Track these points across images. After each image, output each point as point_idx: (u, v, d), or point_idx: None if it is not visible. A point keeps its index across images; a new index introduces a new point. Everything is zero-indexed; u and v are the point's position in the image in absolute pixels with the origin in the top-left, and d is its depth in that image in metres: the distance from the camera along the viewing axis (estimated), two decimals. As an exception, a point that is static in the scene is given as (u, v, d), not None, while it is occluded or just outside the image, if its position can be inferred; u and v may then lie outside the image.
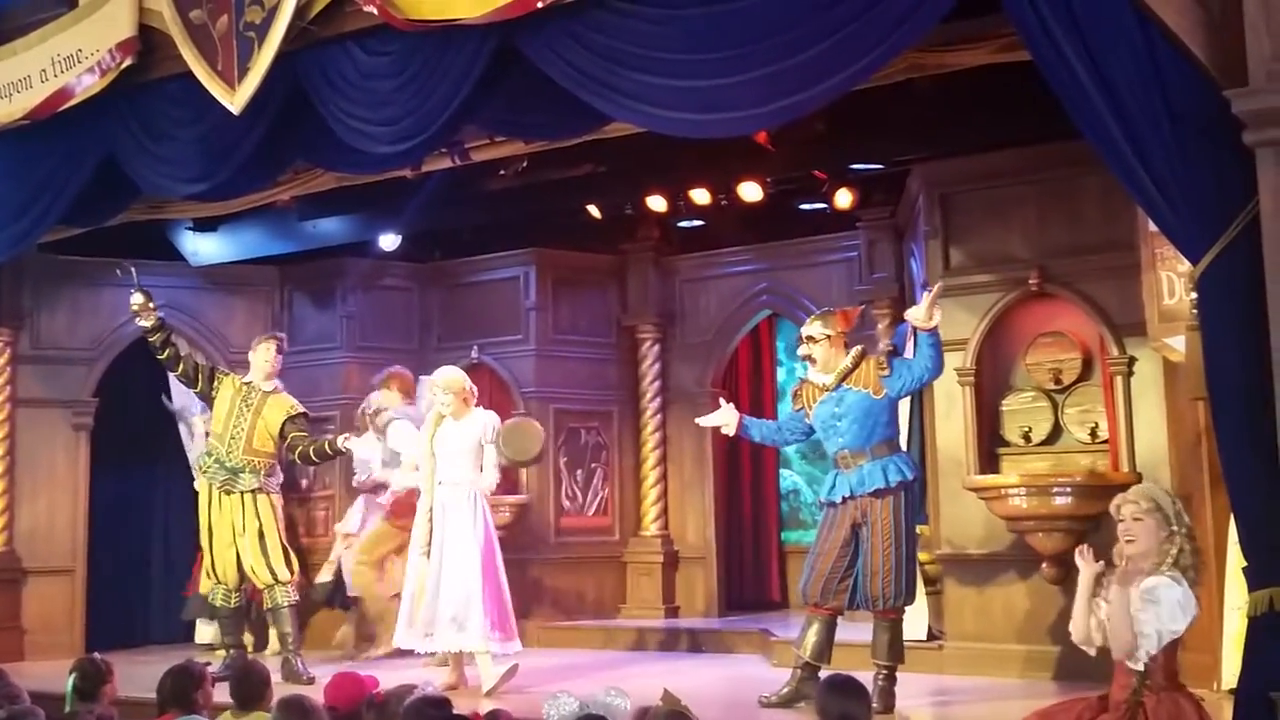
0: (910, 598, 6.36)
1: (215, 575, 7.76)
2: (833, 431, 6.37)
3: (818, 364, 6.43)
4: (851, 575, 6.29)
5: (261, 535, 7.69)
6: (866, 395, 6.27)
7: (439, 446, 7.25)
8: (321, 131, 6.44)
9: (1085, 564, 4.28)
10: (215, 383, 7.88)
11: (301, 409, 7.93)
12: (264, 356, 7.92)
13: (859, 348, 6.48)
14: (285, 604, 7.68)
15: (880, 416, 6.31)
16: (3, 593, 9.05)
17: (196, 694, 4.83)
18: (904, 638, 6.43)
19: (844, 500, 6.29)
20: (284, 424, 7.77)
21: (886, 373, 6.23)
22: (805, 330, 6.51)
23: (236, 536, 7.70)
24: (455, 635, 7.00)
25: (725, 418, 6.70)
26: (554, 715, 3.78)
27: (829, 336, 6.39)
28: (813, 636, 6.35)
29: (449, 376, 7.36)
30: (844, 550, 6.28)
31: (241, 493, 7.73)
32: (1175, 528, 4.13)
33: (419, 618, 7.06)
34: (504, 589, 7.23)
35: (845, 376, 6.34)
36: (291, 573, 7.76)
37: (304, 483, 9.77)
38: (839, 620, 6.44)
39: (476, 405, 7.42)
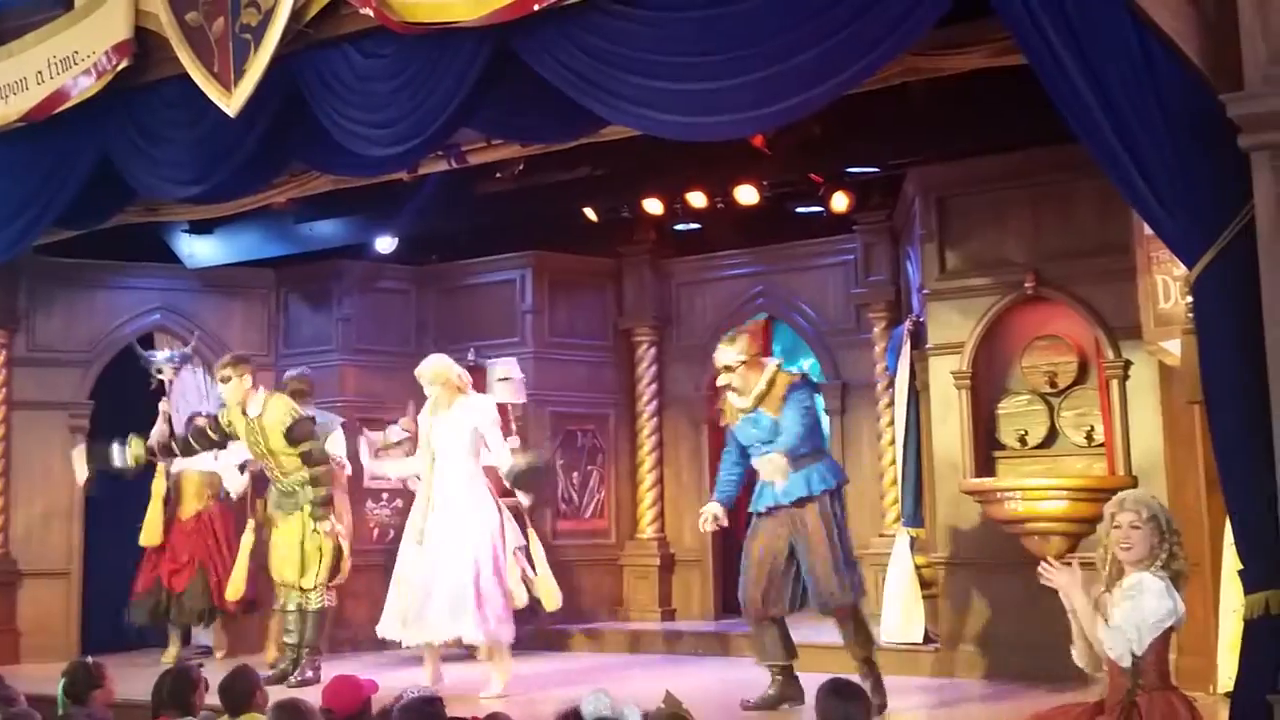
0: (860, 591, 6.48)
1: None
2: (756, 451, 6.52)
3: (739, 390, 6.53)
4: (787, 582, 6.41)
5: (319, 543, 7.68)
6: (776, 420, 6.40)
7: (435, 437, 7.22)
8: (318, 134, 6.43)
9: (1071, 581, 4.20)
10: (229, 426, 7.81)
11: (293, 417, 7.67)
12: (236, 394, 7.67)
13: (772, 367, 6.58)
14: (316, 607, 7.69)
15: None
16: (-2, 595, 9.06)
17: (194, 697, 4.82)
18: (869, 626, 6.55)
19: (768, 510, 6.42)
20: (285, 439, 7.64)
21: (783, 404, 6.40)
22: (721, 360, 6.57)
23: (292, 547, 7.69)
24: (450, 624, 6.91)
25: (712, 512, 6.70)
26: (590, 711, 3.74)
27: (744, 361, 6.51)
28: (770, 641, 6.49)
29: (434, 367, 7.32)
30: (776, 561, 6.41)
31: (302, 507, 7.70)
32: (1167, 535, 4.14)
33: (409, 609, 6.99)
34: (505, 580, 7.20)
35: (760, 400, 6.48)
36: (331, 577, 7.74)
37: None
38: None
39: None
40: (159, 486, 8.85)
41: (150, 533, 8.81)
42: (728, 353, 6.50)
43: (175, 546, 8.90)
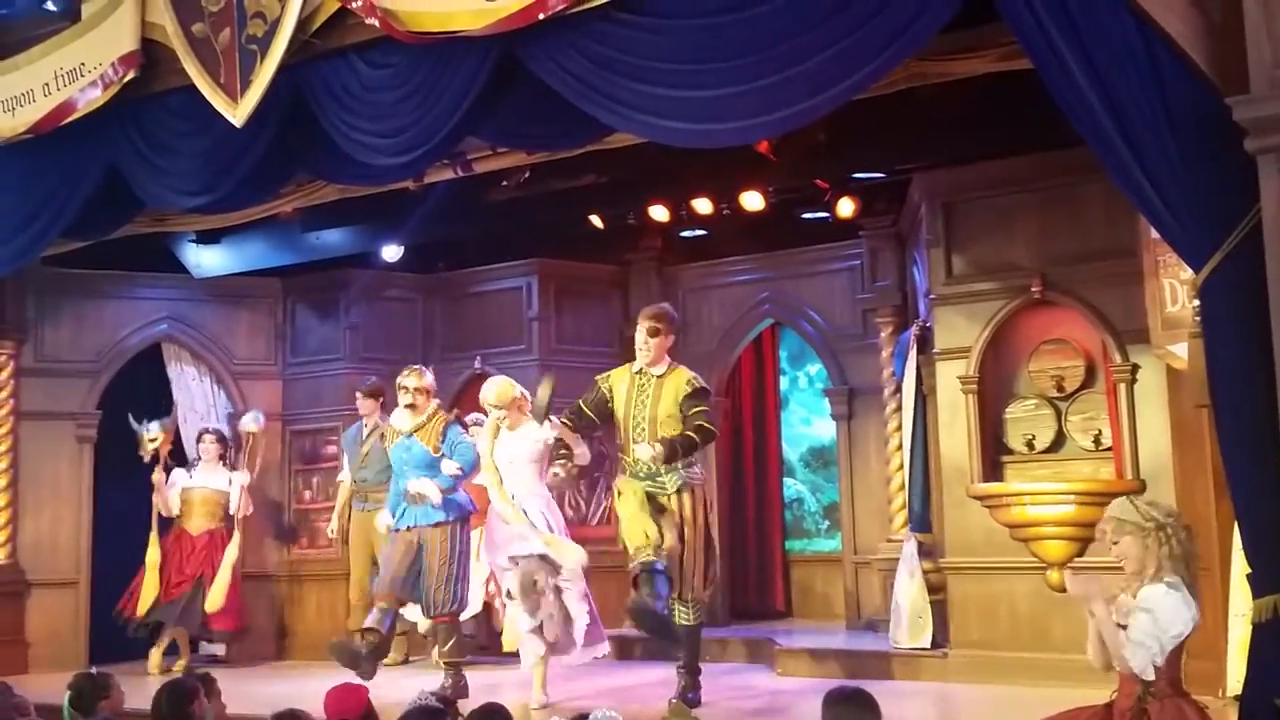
0: (464, 604, 7.44)
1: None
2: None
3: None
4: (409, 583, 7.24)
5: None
6: (427, 451, 7.27)
7: (500, 458, 7.15)
8: (324, 144, 6.45)
9: (1093, 592, 4.18)
10: (607, 392, 6.92)
11: (700, 381, 6.78)
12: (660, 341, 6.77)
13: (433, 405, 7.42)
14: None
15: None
16: (6, 605, 9.05)
17: (192, 708, 4.78)
18: (465, 635, 7.36)
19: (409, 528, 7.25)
20: (681, 403, 6.66)
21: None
22: (408, 382, 7.35)
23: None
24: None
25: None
26: None
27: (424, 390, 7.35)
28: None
29: (498, 389, 7.17)
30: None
31: (668, 494, 6.77)
32: (1148, 526, 4.10)
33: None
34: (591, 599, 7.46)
35: (418, 430, 7.33)
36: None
37: (307, 494, 9.82)
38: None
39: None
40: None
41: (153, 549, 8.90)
42: (410, 378, 7.38)
43: (183, 561, 8.92)
